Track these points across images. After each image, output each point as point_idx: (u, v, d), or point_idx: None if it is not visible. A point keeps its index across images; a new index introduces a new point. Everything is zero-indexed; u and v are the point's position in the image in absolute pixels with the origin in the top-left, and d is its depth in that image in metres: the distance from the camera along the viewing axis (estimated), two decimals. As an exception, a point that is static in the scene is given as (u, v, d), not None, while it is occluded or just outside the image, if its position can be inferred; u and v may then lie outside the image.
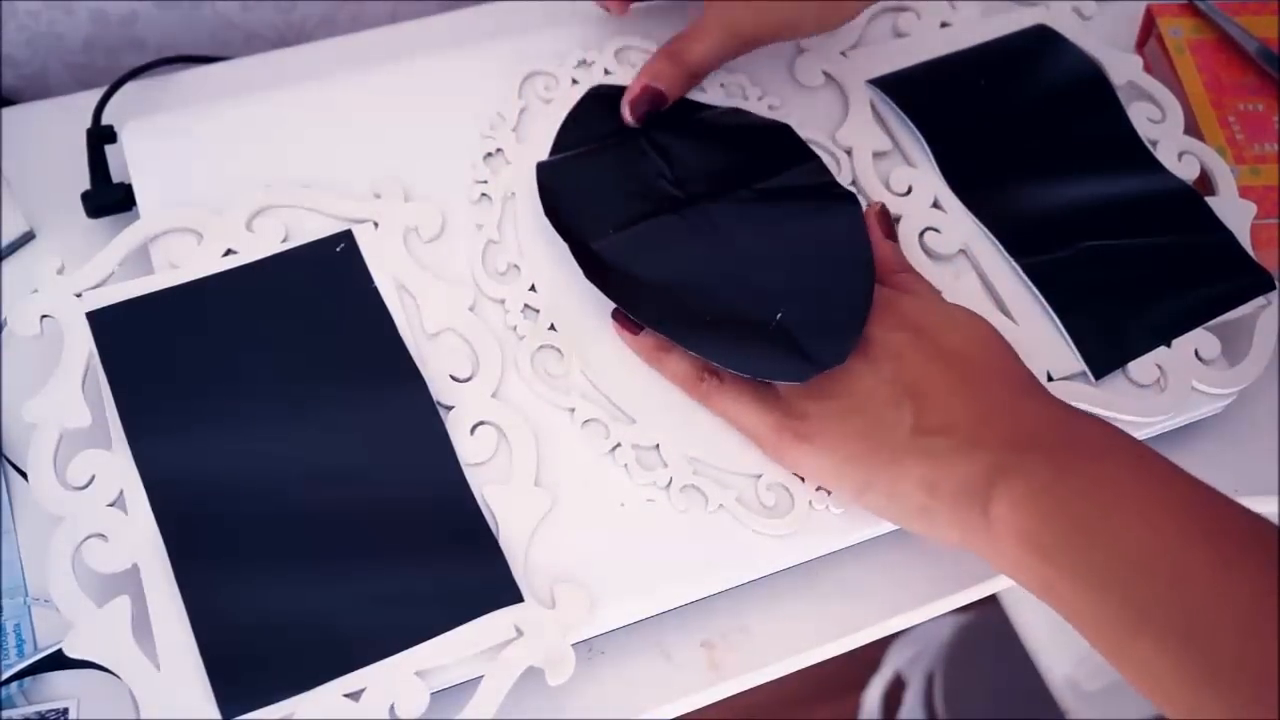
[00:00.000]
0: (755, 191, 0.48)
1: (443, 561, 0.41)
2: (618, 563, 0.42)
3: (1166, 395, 0.47)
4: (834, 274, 0.45)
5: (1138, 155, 0.53)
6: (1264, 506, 0.49)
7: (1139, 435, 0.47)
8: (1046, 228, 0.50)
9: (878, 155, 0.52)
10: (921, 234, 0.50)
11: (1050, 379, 0.47)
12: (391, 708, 0.38)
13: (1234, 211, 0.51)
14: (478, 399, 0.44)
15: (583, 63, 0.52)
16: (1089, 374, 0.47)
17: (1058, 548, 0.36)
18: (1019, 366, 0.42)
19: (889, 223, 0.48)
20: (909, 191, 0.51)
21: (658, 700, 0.43)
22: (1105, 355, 0.47)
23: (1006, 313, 0.48)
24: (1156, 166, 0.52)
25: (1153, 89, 0.55)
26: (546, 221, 0.47)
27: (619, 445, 0.44)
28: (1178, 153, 0.53)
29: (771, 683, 0.45)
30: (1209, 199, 0.51)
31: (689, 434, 0.44)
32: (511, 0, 0.62)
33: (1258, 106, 0.57)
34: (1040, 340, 0.47)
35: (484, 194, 0.49)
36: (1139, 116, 0.54)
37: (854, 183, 0.51)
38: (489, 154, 0.50)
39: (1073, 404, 0.46)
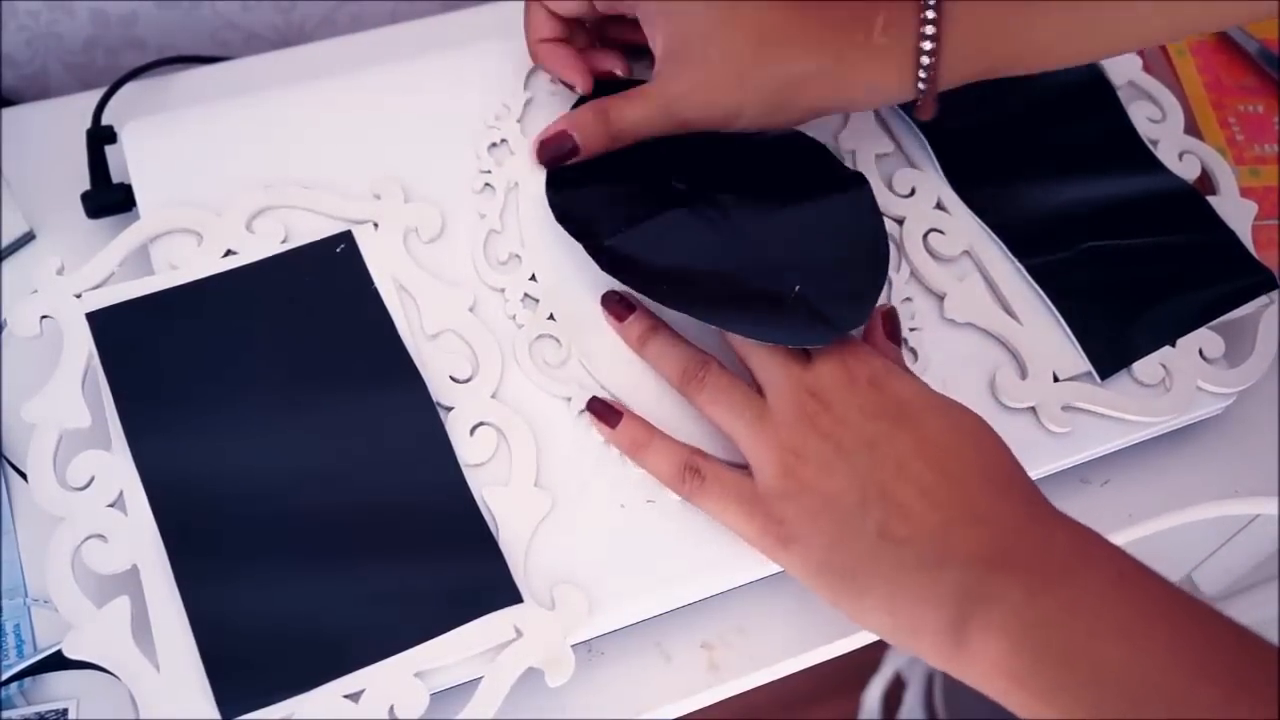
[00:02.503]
0: (765, 181, 0.48)
1: (442, 562, 0.41)
2: (617, 564, 0.42)
3: (1172, 395, 0.47)
4: (848, 249, 0.45)
5: (1139, 155, 0.53)
6: (1264, 507, 0.49)
7: (1145, 435, 0.47)
8: (1050, 228, 0.50)
9: (880, 157, 0.52)
10: (925, 236, 0.50)
11: (1056, 379, 0.47)
12: (391, 708, 0.38)
13: (1235, 211, 0.51)
14: (477, 400, 0.44)
15: None
16: (1094, 374, 0.47)
17: (1040, 680, 0.34)
18: (1002, 459, 0.40)
19: (894, 324, 0.45)
20: (912, 193, 0.51)
21: (658, 701, 0.43)
22: (1110, 355, 0.47)
23: (1011, 314, 0.48)
24: (1158, 166, 0.52)
25: (1152, 89, 0.55)
26: (548, 212, 0.47)
27: None
28: (1178, 152, 0.53)
29: (771, 683, 0.45)
30: (1210, 198, 0.51)
31: (682, 425, 0.44)
32: (512, 0, 0.62)
33: (1258, 108, 0.57)
34: (1045, 341, 0.47)
35: (487, 184, 0.49)
36: (1139, 116, 0.54)
37: None
38: (493, 144, 0.50)
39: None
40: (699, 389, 0.43)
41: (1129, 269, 0.49)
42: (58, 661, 0.40)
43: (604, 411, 0.44)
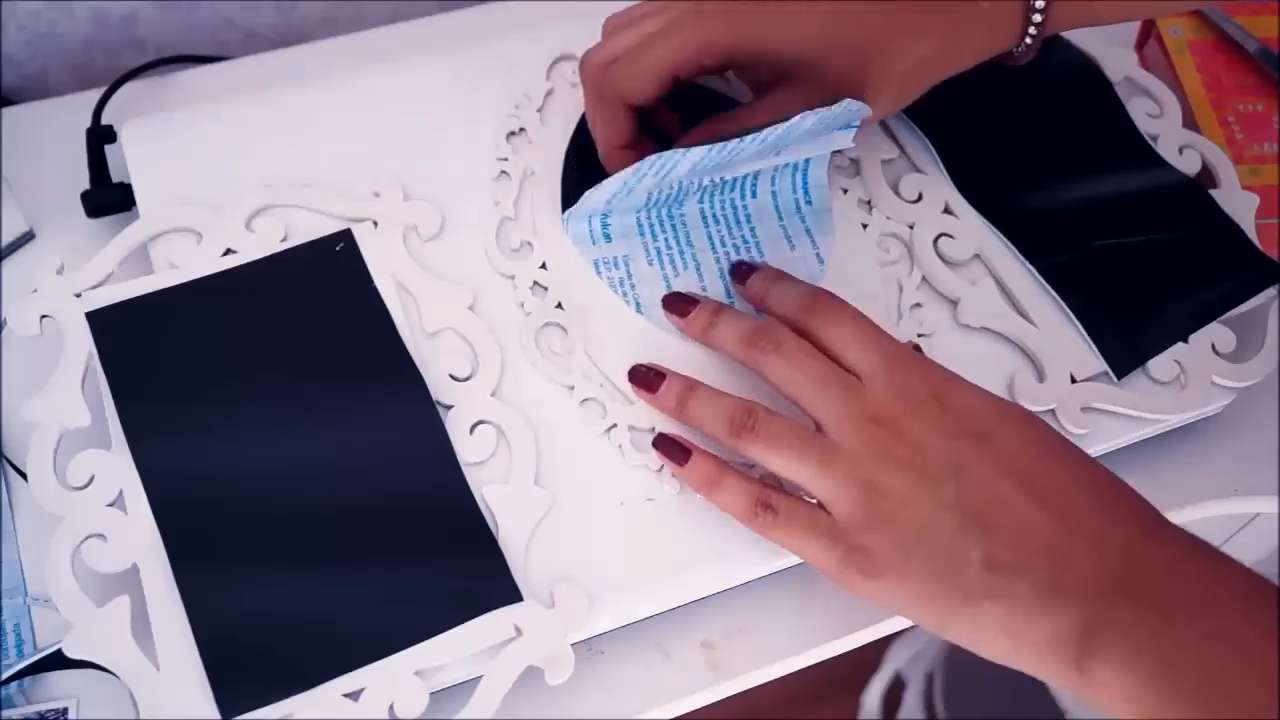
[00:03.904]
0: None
1: (442, 561, 0.41)
2: (617, 562, 0.42)
3: (1188, 391, 0.47)
4: None
5: (1141, 151, 0.53)
6: (1264, 506, 0.49)
7: (1154, 431, 0.48)
8: (1058, 228, 0.50)
9: (885, 162, 0.52)
10: (936, 240, 0.50)
11: (1074, 380, 0.47)
12: (391, 708, 0.38)
13: (1237, 203, 0.51)
14: (477, 398, 0.44)
15: None
16: (1110, 374, 0.47)
17: (1170, 714, 0.33)
18: (1087, 465, 0.38)
19: (916, 350, 0.45)
20: (919, 199, 0.51)
21: (658, 700, 0.43)
22: (1125, 354, 0.47)
23: (1025, 316, 0.48)
24: (1160, 162, 0.52)
25: (1149, 84, 0.55)
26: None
27: (615, 425, 0.44)
28: (1178, 146, 0.53)
29: (771, 683, 0.45)
30: (1212, 191, 0.51)
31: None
32: (511, 0, 0.62)
33: (1257, 107, 0.57)
34: (1060, 342, 0.47)
35: (504, 171, 0.49)
36: (1138, 112, 0.54)
37: (865, 194, 0.51)
38: (512, 133, 0.50)
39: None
40: (753, 438, 0.40)
41: (1138, 266, 0.49)
42: (58, 661, 0.40)
43: (671, 449, 0.42)
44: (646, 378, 0.44)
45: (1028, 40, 0.45)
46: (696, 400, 0.43)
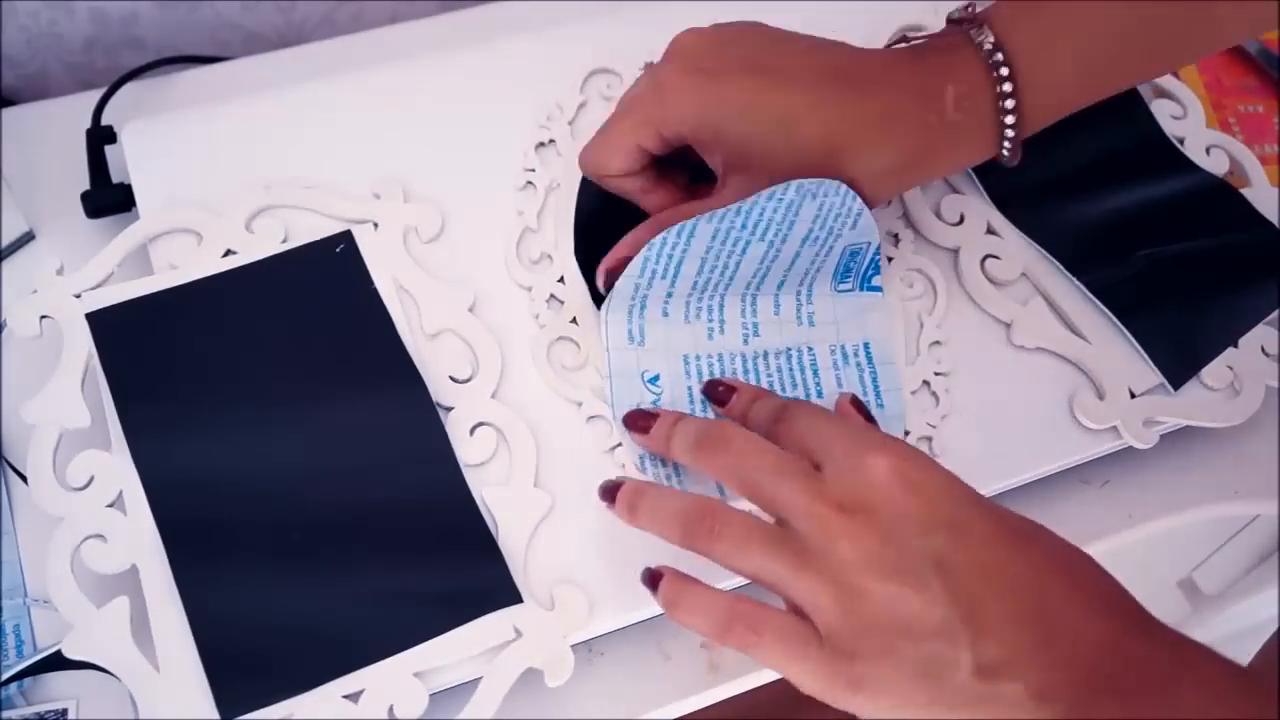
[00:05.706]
0: None
1: (442, 562, 0.41)
2: (617, 564, 0.42)
3: (1243, 396, 0.47)
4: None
5: (1171, 156, 0.53)
6: (1264, 508, 0.49)
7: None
8: (1098, 241, 0.49)
9: (924, 185, 0.51)
10: (983, 262, 0.49)
11: (1133, 395, 0.47)
12: (390, 709, 0.38)
13: (1269, 201, 0.51)
14: (477, 400, 0.44)
15: (649, 64, 0.52)
16: (1167, 385, 0.47)
17: None
18: (1052, 547, 0.36)
19: (860, 405, 0.42)
20: (961, 220, 0.50)
21: (658, 701, 0.43)
22: (1180, 364, 0.47)
23: (1077, 333, 0.48)
24: (1190, 165, 0.52)
25: (1169, 85, 0.55)
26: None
27: (620, 445, 0.44)
28: (1205, 147, 0.53)
29: (771, 683, 0.45)
30: (1244, 190, 0.51)
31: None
32: (511, 0, 0.62)
33: (1258, 108, 0.57)
34: (1115, 357, 0.47)
35: (530, 182, 0.49)
36: (1162, 114, 0.54)
37: (904, 215, 0.50)
38: (541, 144, 0.50)
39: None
40: (713, 540, 0.36)
41: (1181, 274, 0.49)
42: (58, 661, 0.40)
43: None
44: (608, 493, 0.40)
45: (1006, 148, 0.43)
46: (646, 500, 0.39)
